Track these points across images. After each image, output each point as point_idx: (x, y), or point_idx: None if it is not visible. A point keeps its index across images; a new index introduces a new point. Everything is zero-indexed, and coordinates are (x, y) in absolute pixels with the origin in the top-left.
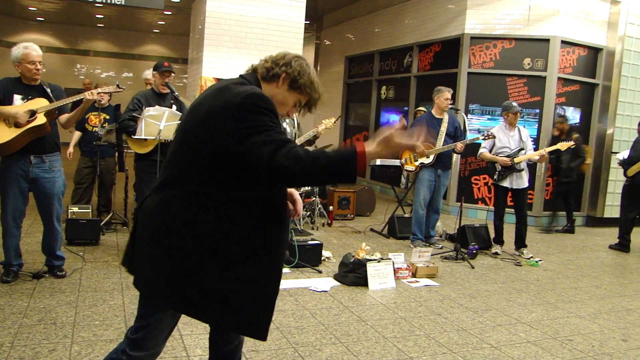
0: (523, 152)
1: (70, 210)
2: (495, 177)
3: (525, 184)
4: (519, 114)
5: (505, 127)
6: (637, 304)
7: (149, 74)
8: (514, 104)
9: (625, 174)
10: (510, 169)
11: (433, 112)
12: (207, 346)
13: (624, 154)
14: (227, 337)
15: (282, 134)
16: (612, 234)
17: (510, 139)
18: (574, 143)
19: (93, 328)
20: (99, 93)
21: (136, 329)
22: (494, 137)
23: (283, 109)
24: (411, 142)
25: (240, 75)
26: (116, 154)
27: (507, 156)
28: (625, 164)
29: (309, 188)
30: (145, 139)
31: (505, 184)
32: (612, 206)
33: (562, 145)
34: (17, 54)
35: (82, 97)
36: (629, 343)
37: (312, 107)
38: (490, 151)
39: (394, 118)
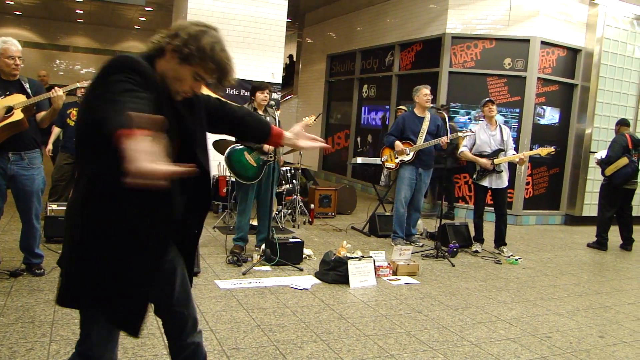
0: (503, 153)
1: (49, 208)
2: (475, 176)
3: (505, 184)
4: (490, 105)
5: (487, 125)
6: (614, 301)
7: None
8: (486, 98)
9: (603, 174)
10: (490, 170)
11: (415, 110)
12: None
13: (602, 153)
14: (180, 343)
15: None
16: (590, 233)
17: (491, 138)
18: (553, 149)
19: (72, 326)
20: (64, 92)
21: (81, 341)
22: (473, 132)
23: (181, 85)
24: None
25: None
26: None
27: (487, 156)
28: (603, 163)
29: (290, 186)
30: None
31: (485, 183)
32: (590, 205)
33: (542, 151)
34: None
35: (49, 95)
36: (605, 339)
37: (222, 80)
38: (470, 150)
39: (376, 116)
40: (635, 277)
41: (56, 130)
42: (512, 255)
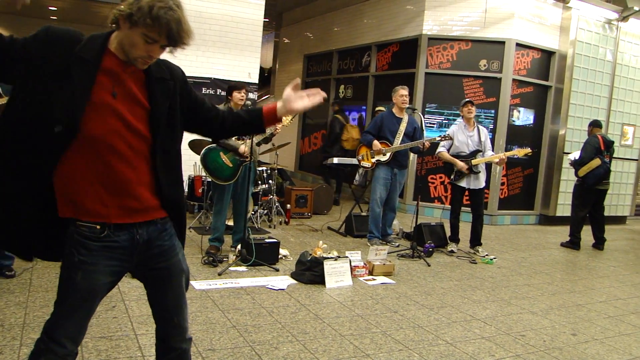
0: (481, 154)
1: None
2: (452, 176)
3: (482, 185)
4: (469, 106)
5: (464, 126)
6: (587, 300)
7: None
8: (467, 99)
9: (576, 174)
10: (468, 171)
11: (394, 110)
12: None
13: (575, 154)
14: (166, 345)
15: None
16: (563, 232)
17: (469, 139)
18: (530, 150)
19: None
20: None
21: (50, 317)
22: (451, 138)
23: (135, 51)
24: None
25: None
26: None
27: (464, 158)
28: (577, 164)
29: (266, 186)
30: None
31: (463, 184)
32: (563, 205)
33: (520, 152)
34: None
35: None
36: (577, 337)
37: (174, 40)
38: (448, 150)
39: (353, 117)
40: (607, 275)
41: None
42: (487, 255)
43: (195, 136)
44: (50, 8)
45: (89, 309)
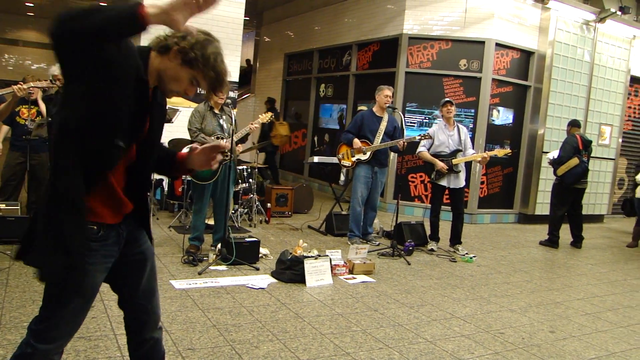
0: (461, 153)
1: None
2: (432, 176)
3: (463, 184)
4: (449, 106)
5: (445, 125)
6: (564, 297)
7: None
8: (447, 99)
9: (555, 173)
10: (448, 171)
11: (374, 109)
12: None
13: (554, 153)
14: (140, 338)
15: None
16: (542, 231)
17: (449, 138)
18: (510, 151)
19: (21, 330)
20: (29, 87)
21: (40, 320)
22: (431, 137)
23: (176, 86)
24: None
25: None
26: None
27: (445, 157)
28: (555, 163)
29: (247, 185)
30: None
31: (443, 183)
32: (542, 204)
33: (499, 152)
34: None
35: (9, 91)
36: (556, 334)
37: (216, 89)
38: (428, 150)
39: (333, 116)
40: (585, 273)
41: (4, 128)
42: (467, 254)
43: (175, 135)
44: (27, 4)
45: (89, 309)
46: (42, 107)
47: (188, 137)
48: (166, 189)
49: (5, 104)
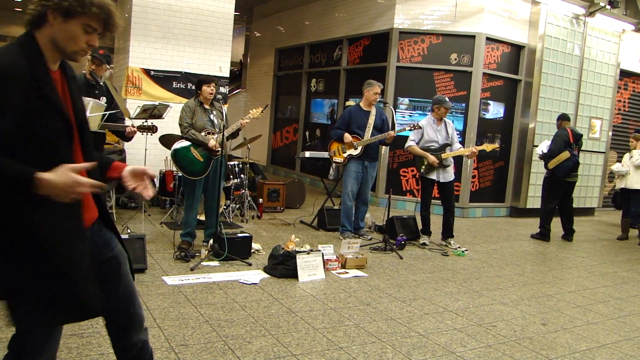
0: (449, 147)
1: None
2: (422, 170)
3: (452, 177)
4: (448, 110)
5: (433, 121)
6: (556, 290)
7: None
8: (447, 98)
9: (546, 167)
10: (438, 165)
11: (361, 104)
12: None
13: (543, 147)
14: (125, 343)
15: None
16: (534, 224)
17: (437, 133)
18: (498, 145)
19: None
20: None
21: (17, 340)
22: (420, 127)
23: (74, 44)
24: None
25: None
26: None
27: (434, 152)
28: (546, 157)
29: (238, 180)
30: None
31: (432, 176)
32: (534, 197)
33: (487, 147)
34: None
35: None
36: (547, 327)
37: (110, 24)
38: (418, 144)
39: (324, 110)
40: (576, 266)
41: None
42: (458, 247)
43: (166, 131)
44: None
45: None
46: None
47: (179, 132)
48: (158, 185)
49: None
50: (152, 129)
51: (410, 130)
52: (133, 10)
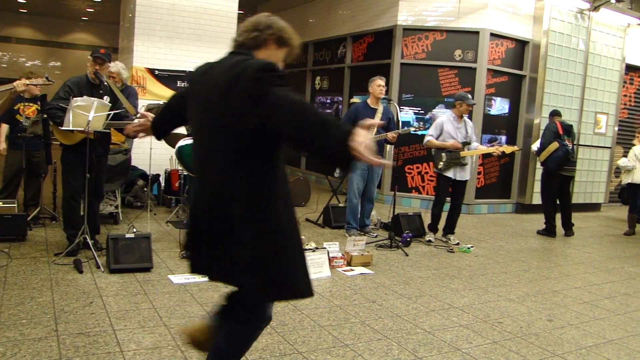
0: (467, 146)
1: None
2: (440, 166)
3: (468, 177)
4: (470, 108)
5: (454, 118)
6: (562, 286)
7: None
8: (469, 95)
9: (540, 162)
10: (456, 162)
11: (368, 101)
12: (140, 341)
13: (537, 144)
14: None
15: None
16: (539, 220)
17: (457, 131)
18: (518, 148)
19: (20, 327)
20: (27, 84)
21: (256, 315)
22: (425, 122)
23: (278, 65)
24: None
25: (233, 53)
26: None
27: (452, 150)
28: (539, 152)
29: None
30: (72, 131)
31: (449, 174)
32: (539, 193)
33: (507, 148)
34: None
35: (11, 87)
36: (554, 322)
37: (290, 57)
38: (437, 139)
39: (329, 108)
40: (582, 262)
41: (4, 127)
42: (458, 243)
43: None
44: (19, 1)
45: None
46: None
47: (184, 131)
48: (163, 184)
49: (6, 99)
50: None
51: (415, 131)
52: (137, 10)
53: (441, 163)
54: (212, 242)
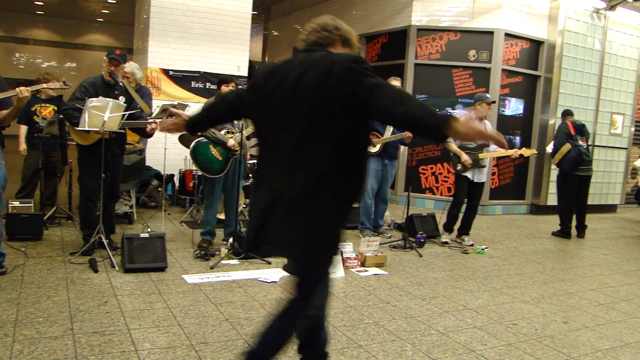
0: (486, 148)
1: (11, 205)
2: (458, 167)
3: (485, 179)
4: (491, 106)
5: (475, 119)
6: (578, 288)
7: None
8: (488, 94)
9: (555, 164)
10: (473, 165)
11: None
12: (154, 340)
13: (552, 145)
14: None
15: None
16: (554, 221)
17: None
18: (536, 152)
19: (36, 325)
20: (32, 91)
21: (304, 306)
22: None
23: None
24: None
25: (308, 51)
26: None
27: (471, 150)
28: (553, 154)
29: None
30: (88, 131)
31: (468, 174)
32: (554, 194)
33: (525, 152)
34: None
35: (14, 93)
36: (569, 325)
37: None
38: (455, 141)
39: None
40: (598, 264)
41: (23, 129)
42: (472, 244)
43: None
44: (36, 3)
45: None
46: None
47: None
48: (177, 184)
49: (14, 107)
50: None
51: None
52: (151, 11)
53: (460, 164)
54: (290, 223)
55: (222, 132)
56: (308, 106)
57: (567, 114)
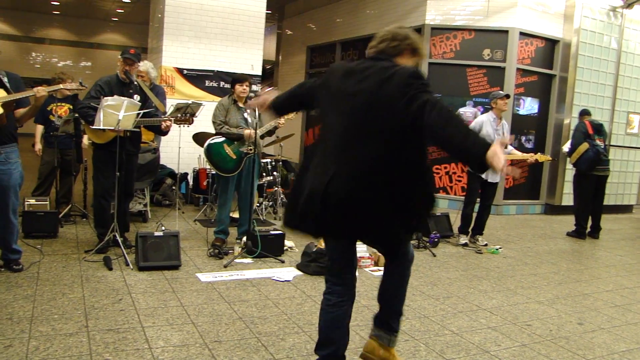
0: (505, 149)
1: (27, 203)
2: None
3: (499, 179)
4: (506, 99)
5: (494, 119)
6: (593, 289)
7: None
8: (501, 91)
9: (572, 164)
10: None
11: None
12: (168, 338)
13: (568, 145)
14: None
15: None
16: (569, 221)
17: (495, 133)
18: (550, 158)
19: (52, 322)
20: (49, 92)
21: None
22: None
23: None
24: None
25: (375, 58)
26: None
27: None
28: (570, 153)
29: (271, 178)
30: (104, 130)
31: (482, 174)
32: (569, 194)
33: (540, 157)
34: None
35: (31, 94)
36: (584, 326)
37: (418, 64)
38: None
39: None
40: (614, 265)
41: (39, 128)
42: (486, 245)
43: (199, 129)
44: (52, 3)
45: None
46: None
47: (212, 130)
48: (191, 183)
49: (31, 107)
50: (188, 120)
51: None
52: (166, 11)
53: None
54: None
55: (236, 130)
56: (362, 117)
57: (584, 113)
